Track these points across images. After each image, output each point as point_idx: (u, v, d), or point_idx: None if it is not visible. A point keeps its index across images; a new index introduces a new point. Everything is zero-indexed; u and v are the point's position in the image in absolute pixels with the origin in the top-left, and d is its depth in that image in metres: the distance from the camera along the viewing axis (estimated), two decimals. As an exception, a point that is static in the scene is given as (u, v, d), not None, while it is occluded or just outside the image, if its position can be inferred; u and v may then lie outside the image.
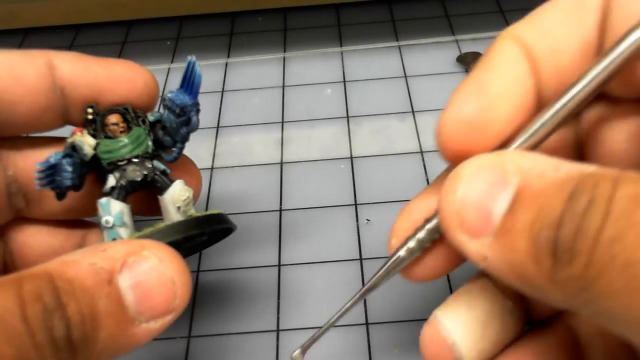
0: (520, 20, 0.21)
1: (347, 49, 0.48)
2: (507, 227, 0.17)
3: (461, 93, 0.20)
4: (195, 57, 0.25)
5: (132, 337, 0.19)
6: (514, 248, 0.17)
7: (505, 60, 0.21)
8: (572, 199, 0.16)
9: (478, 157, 0.19)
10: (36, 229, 0.27)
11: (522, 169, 0.18)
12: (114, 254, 0.19)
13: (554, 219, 0.16)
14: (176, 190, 0.25)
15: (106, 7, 0.50)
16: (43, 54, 0.24)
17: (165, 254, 0.20)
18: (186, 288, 0.20)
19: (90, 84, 0.25)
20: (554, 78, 0.21)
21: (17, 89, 0.23)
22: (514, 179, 0.18)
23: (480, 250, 0.18)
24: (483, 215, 0.18)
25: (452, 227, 0.19)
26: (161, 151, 0.26)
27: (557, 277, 0.16)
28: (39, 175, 0.23)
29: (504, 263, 0.18)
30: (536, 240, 0.16)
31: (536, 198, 0.17)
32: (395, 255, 0.22)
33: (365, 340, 0.30)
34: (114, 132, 0.25)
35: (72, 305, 0.17)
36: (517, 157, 0.18)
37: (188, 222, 0.24)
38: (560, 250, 0.16)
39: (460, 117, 0.20)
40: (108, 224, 0.24)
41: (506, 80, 0.20)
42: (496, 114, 0.20)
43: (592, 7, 0.20)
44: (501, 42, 0.21)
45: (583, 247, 0.15)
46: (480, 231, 0.18)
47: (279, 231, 0.35)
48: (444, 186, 0.19)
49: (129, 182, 0.25)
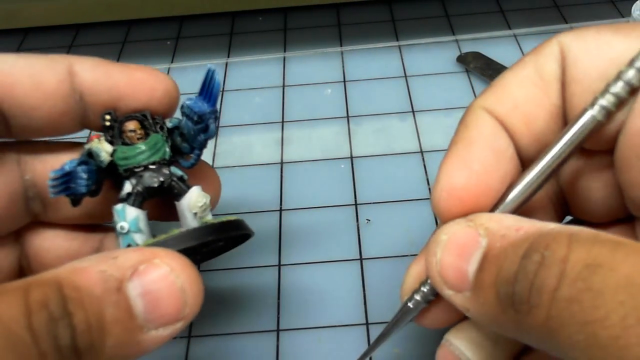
0: (487, 92, 0.23)
1: (347, 49, 0.48)
2: (478, 284, 0.20)
3: (447, 167, 0.22)
4: (215, 66, 0.25)
5: (140, 344, 0.19)
6: (485, 301, 0.19)
7: (484, 134, 0.23)
8: (525, 258, 0.18)
9: (453, 223, 0.21)
10: (53, 234, 0.27)
11: (489, 231, 0.20)
12: (124, 261, 0.19)
13: (510, 275, 0.18)
14: (193, 196, 0.25)
15: (106, 7, 0.50)
16: (64, 59, 0.24)
17: (176, 262, 0.20)
18: (197, 297, 0.20)
19: (110, 90, 0.24)
20: (531, 144, 0.23)
21: (36, 94, 0.23)
22: (483, 241, 0.20)
23: (463, 303, 0.20)
24: (459, 274, 0.20)
25: (438, 285, 0.21)
26: (179, 157, 0.26)
27: (521, 326, 0.18)
28: (53, 183, 0.23)
29: (481, 314, 0.20)
30: (499, 295, 0.18)
31: (497, 257, 0.19)
32: (404, 307, 0.24)
33: (365, 340, 0.30)
34: (131, 139, 0.24)
35: (78, 313, 0.17)
36: (485, 220, 0.21)
37: (202, 229, 0.24)
38: (517, 303, 0.18)
39: (451, 188, 0.22)
40: (123, 230, 0.24)
41: (487, 153, 0.22)
42: (483, 185, 0.22)
43: (552, 75, 0.22)
44: (475, 114, 0.23)
45: (540, 302, 0.17)
46: (460, 287, 0.20)
47: (279, 231, 0.35)
48: (429, 249, 0.22)
49: (145, 189, 0.24)
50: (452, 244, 0.21)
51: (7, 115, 0.23)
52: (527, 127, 0.23)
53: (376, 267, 0.33)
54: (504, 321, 0.19)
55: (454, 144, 0.23)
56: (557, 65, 0.22)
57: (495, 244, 0.19)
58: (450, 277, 0.20)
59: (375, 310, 0.31)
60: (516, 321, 0.18)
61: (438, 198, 0.22)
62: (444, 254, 0.21)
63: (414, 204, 0.36)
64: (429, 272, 0.22)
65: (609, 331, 0.15)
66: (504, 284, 0.18)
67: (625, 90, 0.20)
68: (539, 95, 0.23)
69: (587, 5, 0.50)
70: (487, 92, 0.23)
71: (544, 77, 0.22)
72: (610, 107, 0.20)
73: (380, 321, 0.30)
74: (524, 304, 0.17)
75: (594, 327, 0.16)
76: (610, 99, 0.20)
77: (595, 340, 0.16)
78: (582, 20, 0.48)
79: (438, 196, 0.22)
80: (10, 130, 0.24)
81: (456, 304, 0.21)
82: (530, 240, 0.18)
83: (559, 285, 0.17)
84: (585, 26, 0.22)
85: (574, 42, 0.22)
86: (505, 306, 0.18)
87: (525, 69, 0.23)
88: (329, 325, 0.30)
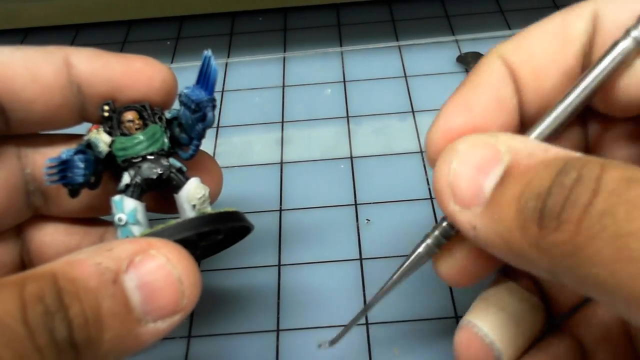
0: (509, 40, 0.23)
1: (347, 49, 0.48)
2: (496, 199, 0.19)
3: (448, 108, 0.22)
4: (211, 52, 0.24)
5: (138, 337, 0.19)
6: (501, 217, 0.18)
7: (491, 80, 0.22)
8: (560, 174, 0.17)
9: (472, 136, 0.20)
10: (54, 228, 0.27)
11: (513, 148, 0.19)
12: (119, 253, 0.19)
13: (542, 190, 0.17)
14: (191, 188, 0.24)
15: (106, 7, 0.50)
16: (60, 50, 0.24)
17: (173, 253, 0.20)
18: (195, 288, 0.20)
19: (107, 80, 0.24)
20: (536, 100, 0.22)
21: (33, 86, 0.23)
22: (505, 157, 0.19)
23: (470, 220, 0.19)
24: (474, 188, 0.19)
25: (445, 198, 0.20)
26: (178, 149, 0.26)
27: (542, 244, 0.17)
28: (48, 171, 0.23)
29: (491, 232, 0.19)
30: (523, 210, 0.18)
31: (525, 173, 0.18)
32: (415, 252, 0.23)
33: (365, 340, 0.30)
34: (130, 129, 0.24)
35: (74, 306, 0.17)
36: (508, 138, 0.20)
37: (200, 219, 0.24)
38: (547, 218, 0.17)
39: (448, 129, 0.21)
40: (121, 222, 0.24)
41: (490, 99, 0.22)
42: (480, 130, 0.21)
43: (576, 35, 0.22)
44: (489, 60, 0.22)
45: (571, 216, 0.16)
46: (471, 202, 0.19)
47: (279, 231, 0.35)
48: (439, 158, 0.21)
49: (144, 180, 0.24)
50: (470, 155, 0.20)
51: (5, 109, 0.23)
52: (535, 81, 0.22)
53: (376, 267, 0.33)
54: (518, 240, 0.18)
55: (460, 87, 0.22)
56: (586, 25, 0.21)
57: (522, 161, 0.19)
58: (462, 190, 0.19)
59: (375, 310, 0.31)
60: (536, 239, 0.17)
61: (432, 138, 0.22)
62: (460, 164, 0.20)
63: (414, 204, 0.36)
64: (436, 184, 0.20)
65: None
66: (534, 198, 0.17)
67: None
68: (557, 52, 0.22)
69: (587, 6, 0.50)
70: (509, 40, 0.23)
71: (568, 34, 0.22)
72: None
73: (380, 321, 0.30)
74: (553, 220, 0.17)
75: (627, 240, 0.15)
76: None
77: (626, 253, 0.15)
78: (582, 21, 0.48)
79: (432, 136, 0.22)
80: (9, 123, 0.24)
81: (459, 222, 0.20)
82: (565, 160, 0.17)
83: (593, 199, 0.16)
84: None
85: (611, 2, 0.21)
86: (528, 222, 0.17)
87: (551, 23, 0.22)
88: (329, 325, 0.30)
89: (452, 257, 0.23)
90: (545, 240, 0.17)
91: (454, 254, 0.23)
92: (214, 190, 0.26)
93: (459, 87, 0.22)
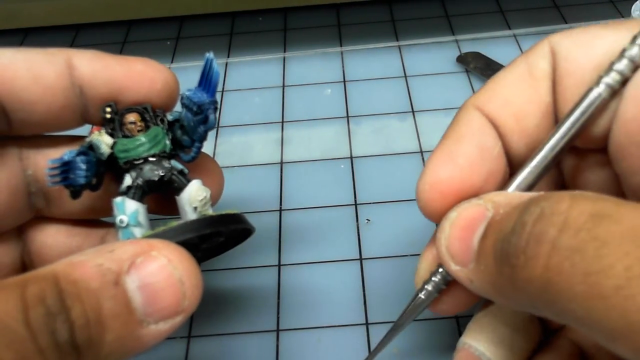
0: (479, 91, 0.24)
1: (347, 49, 0.48)
2: (480, 251, 0.20)
3: (433, 160, 0.23)
4: (213, 54, 0.24)
5: (140, 339, 0.19)
6: (486, 266, 0.19)
7: (472, 130, 0.23)
8: (523, 213, 0.18)
9: (464, 202, 0.22)
10: (55, 229, 0.27)
11: (495, 203, 0.20)
12: (121, 254, 0.19)
13: (507, 231, 0.18)
14: (192, 190, 0.24)
15: (106, 7, 0.50)
16: (62, 52, 0.24)
17: (174, 254, 0.20)
18: (196, 289, 0.20)
19: (109, 82, 0.24)
20: (522, 140, 0.23)
21: (36, 88, 0.23)
22: (489, 213, 0.20)
23: (467, 276, 0.21)
24: (465, 246, 0.21)
25: (446, 260, 0.21)
26: (179, 151, 0.25)
27: (516, 282, 0.18)
28: (50, 172, 0.23)
29: (482, 282, 0.20)
30: (496, 253, 0.19)
31: (500, 222, 0.19)
32: (416, 298, 0.24)
33: (365, 340, 0.30)
34: (132, 130, 0.24)
35: (76, 308, 0.17)
36: (494, 195, 0.21)
37: (201, 221, 0.24)
38: (512, 256, 0.18)
39: (435, 181, 0.23)
40: (122, 224, 0.24)
41: (473, 149, 0.23)
42: (466, 180, 0.22)
43: (542, 73, 0.23)
44: (466, 112, 0.24)
45: (538, 252, 0.17)
46: (465, 259, 0.21)
47: (279, 231, 0.35)
48: (440, 227, 0.22)
49: (145, 182, 0.24)
50: (460, 219, 0.21)
51: (7, 110, 0.23)
52: (518, 124, 0.23)
53: (376, 267, 0.33)
54: (501, 284, 0.19)
55: (442, 140, 0.23)
56: (548, 63, 0.23)
57: (499, 211, 0.20)
58: (456, 250, 0.21)
59: (375, 310, 0.31)
60: (511, 279, 0.18)
61: (421, 190, 0.23)
62: (452, 229, 0.21)
63: (414, 204, 0.36)
64: (438, 249, 0.22)
65: (612, 281, 0.15)
66: (501, 240, 0.18)
67: (629, 68, 0.20)
68: (529, 92, 0.23)
69: (587, 6, 0.50)
70: (480, 91, 0.24)
71: (535, 74, 0.23)
72: (615, 84, 0.21)
73: (380, 321, 0.30)
74: (520, 256, 0.17)
75: (597, 277, 0.15)
76: (615, 76, 0.21)
77: (597, 290, 0.15)
78: (582, 21, 0.48)
79: (421, 189, 0.23)
80: (11, 124, 0.24)
81: (460, 280, 0.21)
82: (531, 199, 0.18)
83: (560, 235, 0.16)
84: (583, 26, 0.23)
85: (564, 39, 0.22)
86: (501, 265, 0.18)
87: (516, 68, 0.23)
88: (329, 325, 0.30)
89: (450, 297, 0.24)
90: (518, 277, 0.17)
91: (452, 295, 0.24)
92: (216, 192, 0.26)
93: (442, 140, 0.23)
